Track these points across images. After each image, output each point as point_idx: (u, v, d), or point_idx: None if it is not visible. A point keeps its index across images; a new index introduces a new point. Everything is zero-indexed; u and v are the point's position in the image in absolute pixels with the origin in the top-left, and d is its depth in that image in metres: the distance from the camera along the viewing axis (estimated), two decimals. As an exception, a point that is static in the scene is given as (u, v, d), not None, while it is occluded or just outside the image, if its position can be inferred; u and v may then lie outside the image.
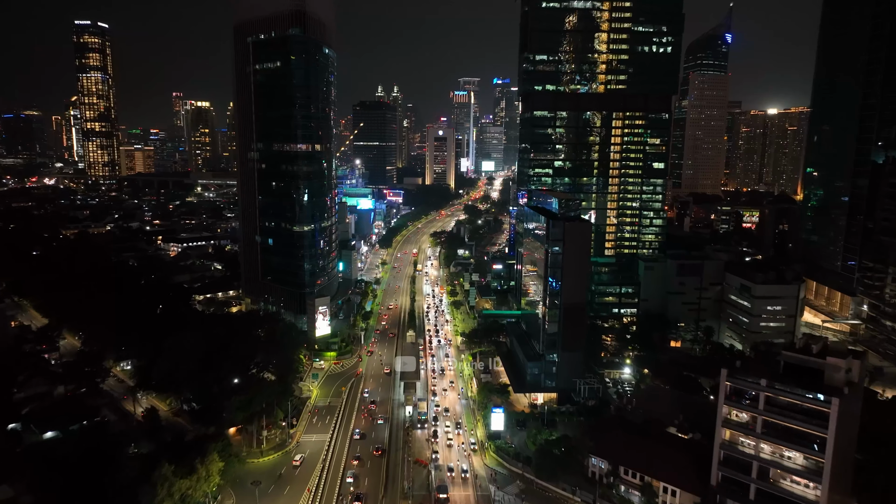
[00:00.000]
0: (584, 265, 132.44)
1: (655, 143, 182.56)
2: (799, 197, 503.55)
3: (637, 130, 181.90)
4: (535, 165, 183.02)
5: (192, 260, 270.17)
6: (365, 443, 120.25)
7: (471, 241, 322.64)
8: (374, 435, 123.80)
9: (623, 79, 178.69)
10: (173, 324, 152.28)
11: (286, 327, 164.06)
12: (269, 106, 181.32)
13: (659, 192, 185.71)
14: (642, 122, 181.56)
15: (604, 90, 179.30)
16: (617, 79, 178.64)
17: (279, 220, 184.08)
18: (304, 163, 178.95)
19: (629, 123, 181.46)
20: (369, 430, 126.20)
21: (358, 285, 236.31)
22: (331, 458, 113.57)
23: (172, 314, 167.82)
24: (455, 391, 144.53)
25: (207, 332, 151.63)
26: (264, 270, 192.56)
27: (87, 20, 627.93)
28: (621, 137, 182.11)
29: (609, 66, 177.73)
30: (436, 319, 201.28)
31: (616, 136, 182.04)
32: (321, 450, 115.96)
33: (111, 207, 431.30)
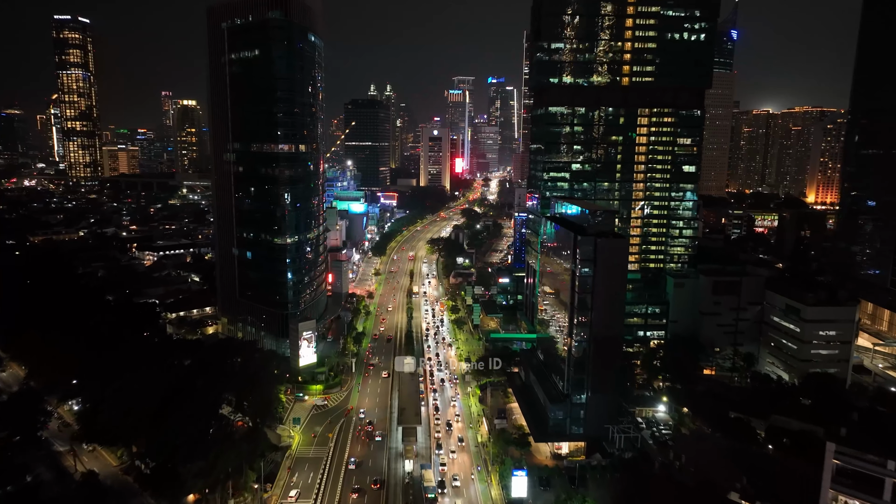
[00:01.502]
0: (620, 290, 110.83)
1: (686, 143, 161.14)
2: (808, 199, 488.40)
3: (665, 129, 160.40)
4: (550, 168, 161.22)
5: (168, 271, 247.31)
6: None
7: (470, 248, 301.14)
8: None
9: (650, 70, 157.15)
10: (135, 352, 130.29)
11: (265, 357, 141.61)
12: (246, 101, 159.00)
13: (689, 200, 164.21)
14: (671, 120, 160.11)
15: (628, 83, 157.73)
16: (643, 70, 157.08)
17: (259, 231, 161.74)
18: (286, 165, 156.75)
19: (656, 121, 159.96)
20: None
21: (349, 300, 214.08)
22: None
23: (136, 339, 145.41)
24: (466, 451, 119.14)
25: (172, 363, 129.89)
26: (242, 287, 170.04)
27: (68, 15, 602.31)
28: (647, 137, 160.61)
29: (634, 55, 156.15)
30: (436, 344, 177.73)
31: (641, 135, 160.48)
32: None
33: (88, 211, 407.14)
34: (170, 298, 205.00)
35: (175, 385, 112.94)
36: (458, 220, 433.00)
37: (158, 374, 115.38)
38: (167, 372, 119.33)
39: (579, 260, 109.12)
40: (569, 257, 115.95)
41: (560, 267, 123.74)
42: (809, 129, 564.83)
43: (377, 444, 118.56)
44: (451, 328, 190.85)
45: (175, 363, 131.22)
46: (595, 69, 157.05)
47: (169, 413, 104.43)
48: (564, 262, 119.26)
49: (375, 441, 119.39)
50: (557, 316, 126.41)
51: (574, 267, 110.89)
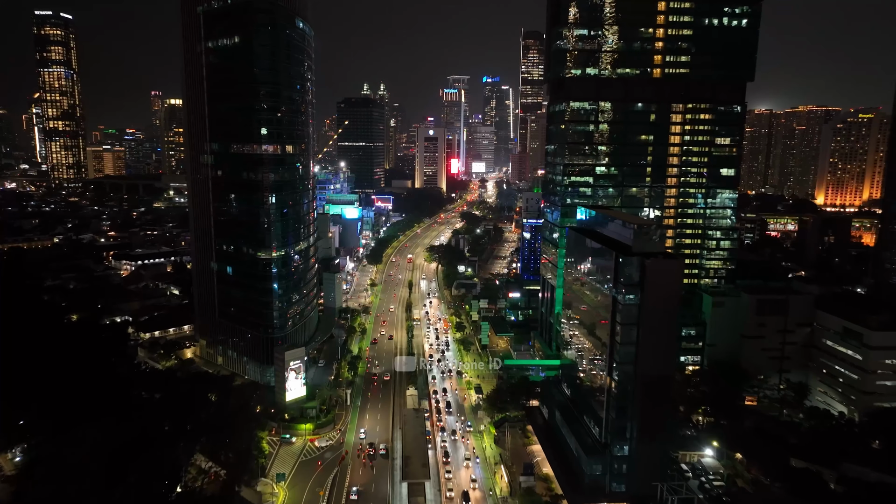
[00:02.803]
0: (672, 321, 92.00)
1: (724, 143, 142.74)
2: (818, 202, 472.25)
3: (702, 127, 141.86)
4: (571, 172, 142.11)
5: (146, 282, 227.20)
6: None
7: (472, 255, 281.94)
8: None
9: (685, 61, 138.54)
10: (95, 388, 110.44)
11: (244, 393, 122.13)
12: (225, 95, 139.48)
13: (728, 206, 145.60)
14: (709, 117, 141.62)
15: (660, 75, 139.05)
16: (677, 60, 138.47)
17: (240, 244, 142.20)
18: (271, 169, 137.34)
19: (692, 118, 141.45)
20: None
21: (343, 316, 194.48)
22: None
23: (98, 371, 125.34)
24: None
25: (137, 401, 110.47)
26: (222, 306, 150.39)
27: (49, 10, 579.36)
28: (681, 136, 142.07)
29: (668, 43, 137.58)
30: (443, 376, 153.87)
31: (675, 133, 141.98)
32: None
33: (67, 215, 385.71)
34: (144, 316, 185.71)
35: (136, 435, 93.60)
36: (456, 223, 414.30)
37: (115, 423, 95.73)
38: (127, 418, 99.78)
39: (623, 284, 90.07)
40: (605, 279, 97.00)
41: (593, 289, 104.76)
42: (814, 128, 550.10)
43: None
44: (457, 348, 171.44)
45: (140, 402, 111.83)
46: (623, 59, 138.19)
47: (124, 474, 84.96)
48: (600, 283, 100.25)
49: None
50: (588, 344, 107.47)
51: (615, 292, 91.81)
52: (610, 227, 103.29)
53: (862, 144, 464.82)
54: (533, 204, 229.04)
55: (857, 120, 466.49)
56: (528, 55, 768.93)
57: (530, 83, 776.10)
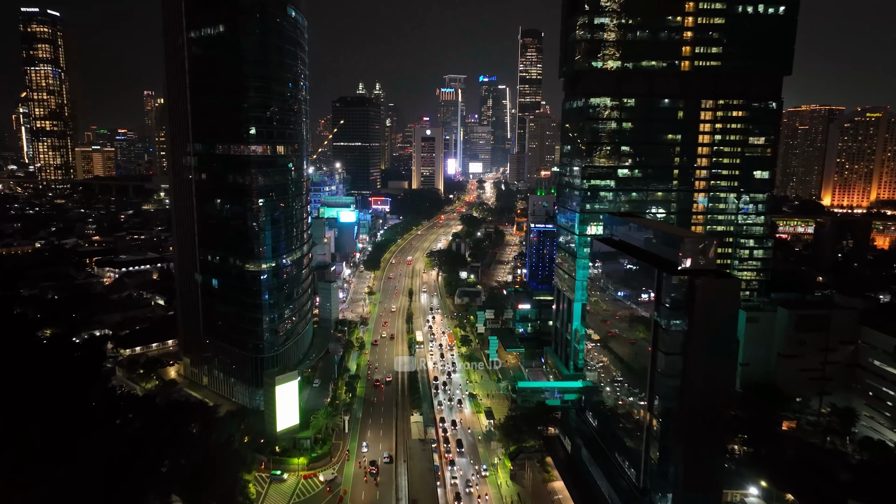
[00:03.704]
0: (727, 351, 79.24)
1: (758, 142, 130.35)
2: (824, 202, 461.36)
3: (733, 125, 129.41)
4: (590, 174, 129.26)
5: (129, 291, 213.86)
6: None
7: (474, 260, 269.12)
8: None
9: (716, 52, 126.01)
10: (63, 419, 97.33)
11: (230, 425, 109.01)
12: (209, 91, 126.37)
13: (761, 212, 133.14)
14: (741, 114, 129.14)
15: (689, 67, 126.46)
16: (707, 52, 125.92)
17: (227, 254, 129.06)
18: (260, 171, 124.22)
19: (723, 115, 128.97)
20: None
21: (340, 328, 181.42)
22: None
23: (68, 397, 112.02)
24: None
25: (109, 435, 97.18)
26: (207, 322, 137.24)
27: (36, 7, 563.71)
28: (711, 135, 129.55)
29: (697, 33, 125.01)
30: (450, 403, 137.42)
31: (704, 132, 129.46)
32: None
33: (51, 218, 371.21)
34: (126, 329, 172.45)
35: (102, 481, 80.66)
36: (455, 225, 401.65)
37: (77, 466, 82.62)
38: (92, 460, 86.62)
39: (666, 307, 77.45)
40: (641, 298, 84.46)
41: (623, 308, 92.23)
42: (817, 128, 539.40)
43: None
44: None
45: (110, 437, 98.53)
46: (648, 50, 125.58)
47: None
48: (633, 302, 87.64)
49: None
50: (617, 370, 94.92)
51: (657, 316, 79.17)
52: (646, 239, 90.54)
53: (869, 144, 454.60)
54: (539, 207, 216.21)
55: (864, 119, 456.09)
56: (526, 54, 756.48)
57: (528, 82, 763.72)
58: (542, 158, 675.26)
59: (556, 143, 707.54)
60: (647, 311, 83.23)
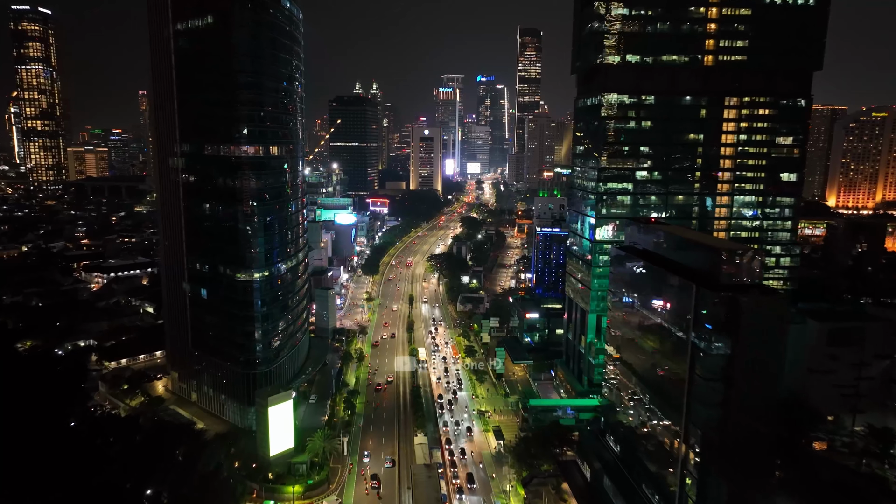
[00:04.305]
0: (774, 378, 70.66)
1: (786, 142, 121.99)
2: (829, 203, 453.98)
3: (759, 124, 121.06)
4: (606, 177, 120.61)
5: (117, 298, 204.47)
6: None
7: (476, 264, 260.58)
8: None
9: (741, 46, 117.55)
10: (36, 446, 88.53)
11: (219, 449, 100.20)
12: (197, 87, 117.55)
13: (788, 217, 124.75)
14: (767, 112, 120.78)
15: (712, 62, 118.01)
16: (732, 45, 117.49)
17: (216, 262, 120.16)
18: (252, 174, 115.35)
19: (748, 114, 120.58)
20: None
21: (337, 338, 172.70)
22: None
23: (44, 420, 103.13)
24: None
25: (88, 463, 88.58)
26: (196, 335, 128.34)
27: (26, 5, 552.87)
28: (735, 134, 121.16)
29: (722, 24, 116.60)
30: (457, 424, 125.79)
31: (728, 131, 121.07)
32: None
33: (40, 220, 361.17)
34: (112, 340, 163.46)
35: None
36: (455, 227, 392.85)
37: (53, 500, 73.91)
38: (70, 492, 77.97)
39: (705, 327, 68.90)
40: (672, 315, 75.99)
41: (649, 323, 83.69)
42: (819, 127, 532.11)
43: None
44: (467, 377, 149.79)
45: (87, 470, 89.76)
46: (669, 44, 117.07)
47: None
48: (667, 321, 79.09)
49: None
50: (642, 392, 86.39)
51: (695, 336, 70.62)
52: (677, 249, 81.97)
53: (875, 144, 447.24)
54: (545, 210, 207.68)
55: (870, 119, 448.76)
56: (525, 53, 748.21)
57: (527, 81, 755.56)
58: (542, 159, 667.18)
59: (556, 143, 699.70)
60: (680, 329, 74.71)
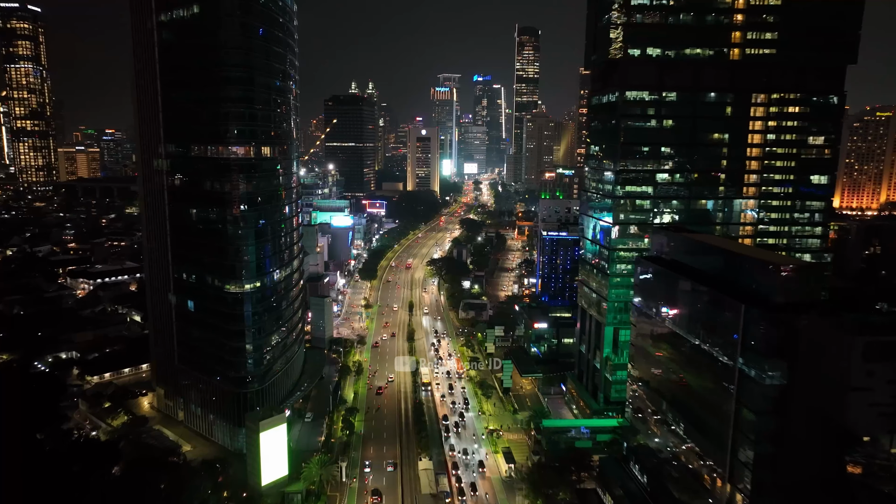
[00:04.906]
0: (839, 412, 62.34)
1: (816, 142, 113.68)
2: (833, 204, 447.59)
3: (788, 122, 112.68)
4: (624, 180, 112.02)
5: (104, 306, 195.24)
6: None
7: (476, 268, 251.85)
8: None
9: (769, 39, 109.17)
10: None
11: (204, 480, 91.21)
12: (183, 82, 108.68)
13: (818, 222, 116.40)
14: (798, 109, 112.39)
15: (739, 56, 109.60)
16: (760, 38, 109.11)
17: (204, 272, 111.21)
18: (243, 177, 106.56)
19: (776, 112, 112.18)
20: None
21: (334, 348, 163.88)
22: None
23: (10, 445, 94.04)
24: None
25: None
26: (183, 350, 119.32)
27: (15, 2, 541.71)
28: (763, 134, 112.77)
29: (749, 15, 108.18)
30: (465, 454, 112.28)
31: (755, 130, 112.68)
32: None
33: (28, 223, 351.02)
34: (96, 352, 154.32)
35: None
36: (454, 229, 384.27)
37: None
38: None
39: (755, 353, 60.50)
40: (716, 338, 67.54)
41: (688, 346, 75.12)
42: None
43: None
44: (473, 391, 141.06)
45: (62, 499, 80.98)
46: (693, 36, 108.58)
47: None
48: (706, 343, 70.54)
49: None
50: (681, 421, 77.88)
51: (742, 363, 62.16)
52: (715, 261, 73.51)
53: (879, 144, 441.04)
54: (551, 213, 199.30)
55: (874, 119, 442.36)
56: (523, 52, 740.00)
57: (525, 81, 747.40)
58: (541, 159, 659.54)
59: (554, 143, 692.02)
60: (723, 353, 66.27)
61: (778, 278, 62.37)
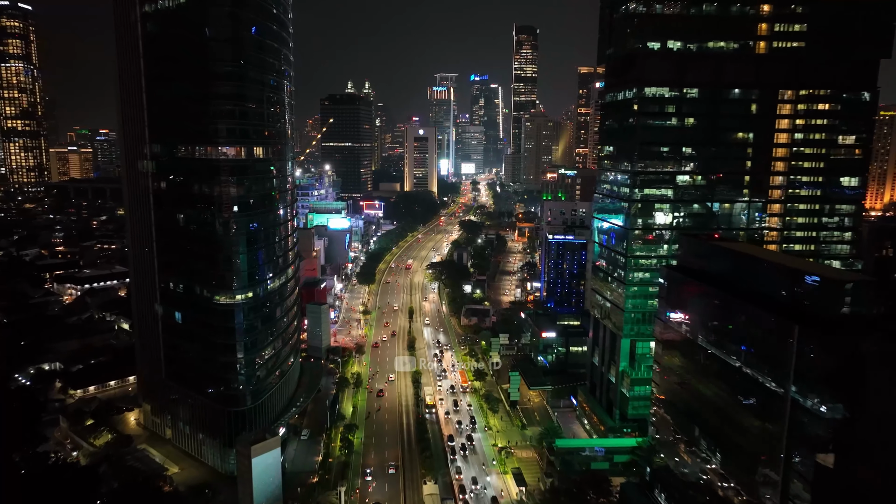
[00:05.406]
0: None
1: (847, 142, 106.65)
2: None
3: (817, 120, 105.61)
4: (642, 182, 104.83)
5: (91, 312, 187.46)
6: None
7: (479, 273, 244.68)
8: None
9: (798, 31, 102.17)
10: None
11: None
12: (169, 78, 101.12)
13: (848, 228, 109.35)
14: (827, 107, 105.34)
15: (765, 49, 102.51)
16: (788, 30, 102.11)
17: (192, 282, 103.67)
18: (233, 179, 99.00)
19: (804, 109, 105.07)
20: None
21: (332, 358, 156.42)
22: None
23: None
24: None
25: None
26: (170, 364, 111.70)
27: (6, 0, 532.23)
28: (790, 133, 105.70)
29: (776, 7, 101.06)
30: (476, 488, 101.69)
31: (781, 129, 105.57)
32: None
33: (16, 225, 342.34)
34: (80, 364, 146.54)
35: None
36: (453, 231, 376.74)
37: None
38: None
39: (813, 379, 53.19)
40: (761, 360, 60.30)
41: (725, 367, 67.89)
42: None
43: None
44: (478, 405, 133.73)
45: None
46: (717, 28, 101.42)
47: None
48: (748, 365, 63.30)
49: None
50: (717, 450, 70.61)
51: (797, 390, 54.86)
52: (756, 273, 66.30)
53: (883, 144, 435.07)
54: (557, 215, 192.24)
55: (878, 117, 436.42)
56: (521, 51, 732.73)
57: (523, 80, 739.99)
58: (539, 159, 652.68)
59: (553, 143, 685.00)
60: (771, 379, 59.06)
61: (835, 294, 55.32)
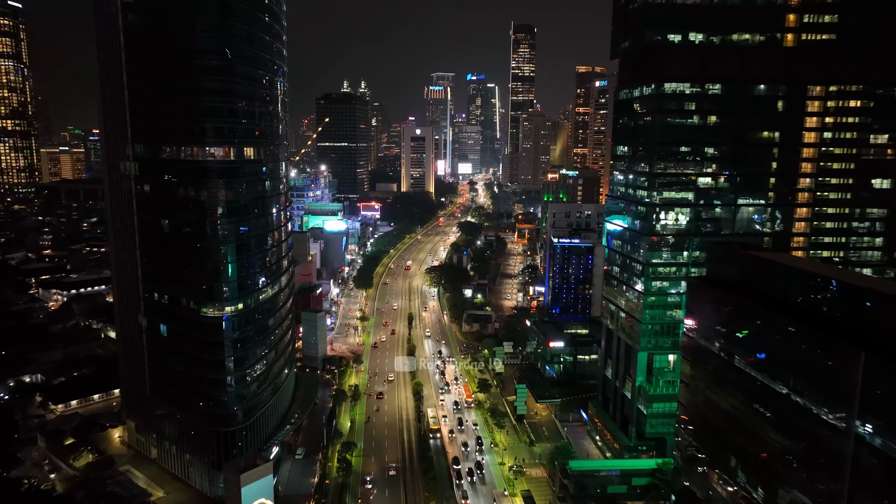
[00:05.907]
0: None
1: (880, 141, 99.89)
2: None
3: (849, 119, 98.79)
4: (661, 184, 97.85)
5: (77, 320, 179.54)
6: None
7: (480, 277, 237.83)
8: None
9: (829, 22, 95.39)
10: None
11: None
12: (153, 73, 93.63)
13: (880, 233, 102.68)
14: (859, 104, 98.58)
15: (793, 42, 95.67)
16: (818, 21, 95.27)
17: (178, 293, 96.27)
18: (222, 182, 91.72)
19: (834, 106, 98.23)
20: None
21: (328, 368, 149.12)
22: None
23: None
24: None
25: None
26: (155, 379, 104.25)
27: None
28: (819, 132, 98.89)
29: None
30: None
31: (810, 128, 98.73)
32: None
33: (3, 227, 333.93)
34: (62, 376, 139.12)
35: None
36: (452, 232, 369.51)
37: None
38: None
39: (884, 416, 46.21)
40: (816, 389, 53.36)
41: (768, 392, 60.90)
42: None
43: None
44: (483, 419, 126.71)
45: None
46: (742, 19, 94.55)
47: None
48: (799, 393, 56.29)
49: None
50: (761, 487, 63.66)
51: (860, 426, 47.91)
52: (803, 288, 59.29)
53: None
54: (561, 218, 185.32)
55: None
56: (518, 50, 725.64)
57: (521, 80, 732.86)
58: (537, 159, 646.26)
59: (551, 143, 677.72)
60: (828, 410, 52.07)
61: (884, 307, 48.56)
